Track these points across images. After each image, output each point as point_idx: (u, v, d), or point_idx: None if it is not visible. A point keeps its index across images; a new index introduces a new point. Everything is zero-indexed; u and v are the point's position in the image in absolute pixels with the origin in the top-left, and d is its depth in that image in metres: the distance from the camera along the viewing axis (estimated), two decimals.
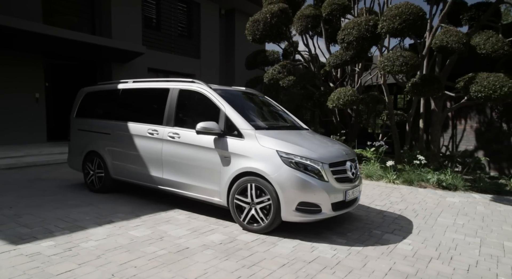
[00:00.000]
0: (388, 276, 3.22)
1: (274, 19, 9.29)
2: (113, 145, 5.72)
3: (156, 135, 5.11)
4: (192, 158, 4.70)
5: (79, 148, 6.22)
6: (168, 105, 5.09)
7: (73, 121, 6.49)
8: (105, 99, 6.17)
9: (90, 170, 6.07)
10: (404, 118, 10.46)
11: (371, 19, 7.43)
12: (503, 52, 6.81)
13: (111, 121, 5.83)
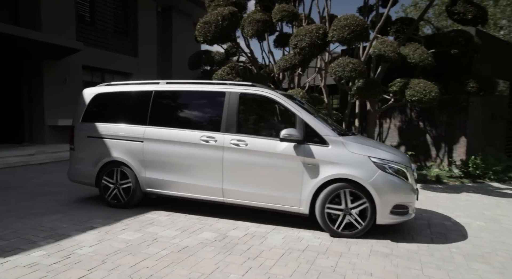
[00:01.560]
0: (371, 257, 3.76)
1: (225, 22, 9.50)
2: (148, 153, 5.05)
3: (214, 143, 4.69)
4: (265, 166, 4.46)
5: (92, 157, 5.39)
6: (226, 110, 4.72)
7: (78, 126, 5.57)
8: (129, 102, 5.44)
9: (109, 182, 5.31)
10: (340, 118, 11.49)
11: (320, 28, 8.12)
12: (427, 62, 8.01)
13: (143, 127, 5.12)
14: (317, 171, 4.29)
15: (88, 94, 5.66)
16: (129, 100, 5.45)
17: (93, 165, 5.38)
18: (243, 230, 4.46)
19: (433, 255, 3.86)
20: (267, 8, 11.42)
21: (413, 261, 3.68)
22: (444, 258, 3.78)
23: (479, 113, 11.27)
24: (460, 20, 9.12)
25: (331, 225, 4.29)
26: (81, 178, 5.57)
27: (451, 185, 8.35)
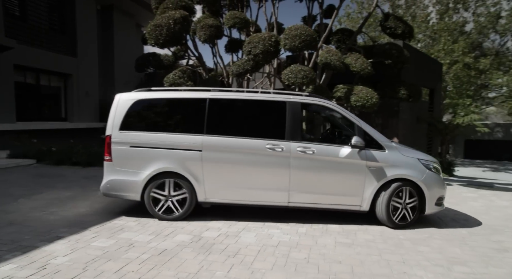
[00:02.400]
0: (337, 247, 4.19)
1: (177, 26, 9.51)
2: (208, 162, 4.91)
3: (280, 150, 4.87)
4: (330, 170, 4.87)
5: (137, 169, 4.96)
6: (289, 119, 4.94)
7: (117, 135, 5.02)
8: (178, 110, 5.22)
9: (160, 195, 4.98)
10: None
11: (272, 36, 8.56)
12: (367, 71, 8.87)
13: (201, 136, 4.95)
14: (379, 173, 4.90)
15: (126, 101, 5.13)
16: (177, 107, 5.22)
17: (138, 177, 4.95)
18: (215, 231, 4.63)
19: (387, 242, 4.41)
20: (215, 13, 11.63)
21: (372, 248, 4.18)
22: (395, 244, 4.35)
23: (407, 117, 12.66)
24: (391, 34, 10.21)
25: (393, 219, 4.96)
26: (122, 191, 5.06)
27: None
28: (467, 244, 4.47)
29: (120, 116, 5.07)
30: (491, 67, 24.52)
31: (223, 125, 5.07)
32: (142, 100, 5.17)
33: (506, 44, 26.14)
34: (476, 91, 25.14)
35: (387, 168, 4.91)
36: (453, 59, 22.48)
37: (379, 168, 4.91)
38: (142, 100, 5.17)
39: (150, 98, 5.22)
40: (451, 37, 24.32)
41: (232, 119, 5.21)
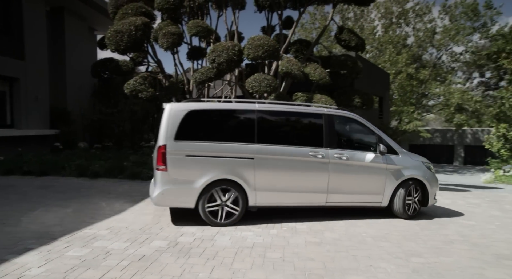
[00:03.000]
0: (307, 246, 4.48)
1: (139, 32, 9.45)
2: (260, 169, 5.25)
3: (320, 156, 5.47)
4: (359, 173, 5.68)
5: (192, 178, 5.07)
6: (326, 129, 5.60)
7: (172, 145, 5.04)
8: (234, 120, 5.57)
9: (215, 202, 5.16)
10: None
11: (236, 45, 8.82)
12: (325, 80, 9.44)
13: (253, 145, 5.27)
14: (396, 174, 5.86)
15: (178, 111, 5.16)
16: (229, 118, 5.54)
17: (194, 185, 5.05)
18: (190, 236, 4.72)
19: (351, 240, 4.79)
20: (174, 20, 11.67)
21: (339, 246, 4.53)
22: (359, 241, 4.74)
23: None
24: (346, 46, 10.95)
25: (408, 212, 5.93)
26: (177, 200, 5.16)
27: None
28: (420, 238, 4.99)
29: (174, 126, 5.11)
30: (430, 77, 26.81)
31: (272, 135, 5.53)
32: (194, 111, 5.28)
33: (441, 57, 28.72)
34: (418, 99, 27.31)
35: (402, 170, 5.92)
36: (397, 69, 24.28)
37: (396, 170, 5.89)
38: (194, 111, 5.28)
39: (202, 109, 5.39)
40: (395, 49, 26.28)
41: (278, 128, 5.76)
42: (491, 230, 5.63)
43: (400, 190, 5.87)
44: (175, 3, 10.16)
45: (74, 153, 11.09)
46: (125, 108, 13.41)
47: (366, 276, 3.60)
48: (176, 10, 10.71)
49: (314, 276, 3.55)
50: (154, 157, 5.43)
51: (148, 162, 9.87)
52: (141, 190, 7.94)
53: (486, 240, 5.03)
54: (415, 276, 3.65)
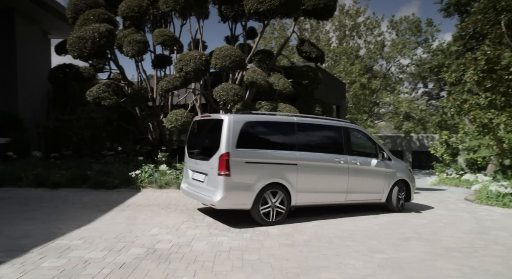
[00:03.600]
0: (281, 248, 4.75)
1: (103, 39, 9.31)
2: (301, 173, 6.07)
3: (342, 162, 6.56)
4: (367, 175, 6.93)
5: (250, 182, 5.67)
6: (344, 139, 6.75)
7: (234, 153, 5.56)
8: (279, 130, 6.23)
9: (267, 203, 5.83)
10: None
11: (203, 55, 8.99)
12: (289, 90, 9.88)
13: (296, 152, 6.11)
14: (391, 176, 7.25)
15: (237, 122, 5.73)
16: (274, 128, 6.20)
17: (252, 189, 5.65)
18: (166, 242, 4.81)
19: (321, 241, 5.14)
20: (138, 27, 11.61)
21: (310, 246, 4.85)
22: (328, 242, 5.10)
23: None
24: (306, 57, 11.51)
25: (399, 207, 7.36)
26: (237, 203, 5.67)
27: None
28: (381, 237, 5.46)
29: (235, 135, 5.64)
30: (380, 87, 28.56)
31: (308, 143, 6.42)
32: (250, 121, 5.92)
33: (390, 69, 30.74)
34: (370, 108, 28.93)
35: (396, 173, 7.35)
36: (352, 79, 25.62)
37: (392, 172, 7.28)
38: (250, 122, 5.92)
39: (255, 121, 6.07)
40: (349, 60, 27.72)
41: (311, 138, 6.59)
42: (440, 227, 6.27)
43: (395, 189, 7.30)
44: (140, 11, 10.13)
45: (29, 162, 10.54)
46: (83, 115, 12.97)
47: (337, 272, 3.93)
48: (141, 18, 10.66)
49: (292, 275, 3.82)
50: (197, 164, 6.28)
51: (112, 171, 9.68)
52: (108, 199, 7.81)
53: (436, 236, 5.61)
54: (380, 270, 4.04)
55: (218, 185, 5.58)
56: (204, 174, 6.00)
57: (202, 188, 6.04)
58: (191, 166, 6.55)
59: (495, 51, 9.77)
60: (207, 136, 6.53)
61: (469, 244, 5.24)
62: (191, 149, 6.75)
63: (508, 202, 8.75)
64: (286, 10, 9.17)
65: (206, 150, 6.19)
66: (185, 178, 6.85)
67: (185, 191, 6.65)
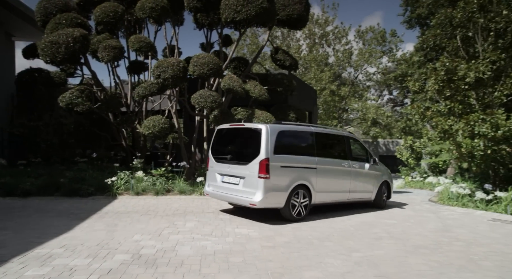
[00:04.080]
0: (263, 250, 4.94)
1: (77, 44, 9.18)
2: (319, 176, 7.05)
3: (347, 166, 7.74)
4: (362, 177, 8.09)
5: (284, 184, 6.48)
6: (347, 146, 8.02)
7: (272, 158, 6.35)
8: (302, 139, 7.22)
9: (296, 202, 6.69)
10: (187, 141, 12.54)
11: (180, 62, 9.07)
12: (265, 97, 10.14)
13: (315, 157, 7.08)
14: (379, 178, 8.57)
15: (273, 131, 6.50)
16: (299, 136, 7.22)
17: (285, 190, 6.49)
18: (150, 248, 4.86)
19: (300, 242, 5.38)
20: (111, 32, 11.51)
21: (291, 248, 5.07)
22: (307, 243, 5.35)
23: None
24: (281, 65, 11.86)
25: (383, 203, 8.73)
26: (273, 203, 6.43)
27: None
28: (356, 237, 5.78)
29: (272, 143, 6.41)
30: (349, 94, 29.60)
31: (322, 150, 7.39)
32: (282, 131, 6.73)
33: (358, 76, 31.94)
34: (340, 114, 29.88)
35: (381, 175, 8.67)
36: (322, 86, 26.40)
37: (379, 175, 8.61)
38: (282, 131, 6.73)
39: (286, 130, 6.89)
40: (319, 67, 28.56)
41: (324, 145, 7.62)
42: (408, 226, 6.71)
43: (381, 189, 8.58)
44: (115, 17, 10.06)
45: None
46: (51, 121, 12.58)
47: (319, 271, 4.17)
48: (116, 24, 10.58)
49: (276, 274, 4.01)
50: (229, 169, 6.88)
51: (86, 178, 9.49)
52: (84, 207, 7.69)
53: (406, 235, 6.01)
54: (357, 267, 4.33)
55: (258, 187, 6.30)
56: (239, 177, 6.64)
57: (237, 190, 6.66)
58: (221, 170, 7.09)
59: (453, 63, 10.54)
60: (241, 143, 7.24)
61: (434, 241, 5.67)
62: (220, 154, 7.31)
63: (467, 202, 9.44)
64: (261, 20, 9.46)
65: (242, 155, 6.85)
66: (210, 181, 7.38)
67: (211, 193, 7.29)
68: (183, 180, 9.90)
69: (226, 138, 7.43)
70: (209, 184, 7.38)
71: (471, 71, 10.04)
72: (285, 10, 10.64)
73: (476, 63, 10.22)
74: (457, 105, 10.55)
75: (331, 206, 8.50)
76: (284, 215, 6.64)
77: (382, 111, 27.55)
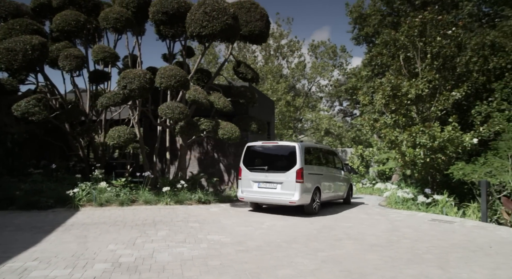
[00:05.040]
0: (238, 253, 5.29)
1: (36, 52, 8.96)
2: (323, 181, 9.51)
3: (334, 173, 10.43)
4: (340, 181, 10.79)
5: (310, 186, 8.76)
6: (331, 157, 10.81)
7: (304, 168, 8.59)
8: (315, 153, 9.78)
9: (315, 201, 8.94)
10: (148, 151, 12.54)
11: (147, 73, 9.19)
12: (229, 108, 10.54)
13: (320, 166, 9.67)
14: (347, 181, 11.33)
15: (302, 147, 8.83)
16: (315, 151, 9.79)
17: (310, 191, 8.74)
18: (129, 256, 5.01)
19: (270, 246, 5.79)
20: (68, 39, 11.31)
21: (263, 251, 5.47)
22: (277, 246, 5.78)
23: None
24: (243, 78, 12.35)
25: (350, 200, 11.48)
26: (304, 201, 8.58)
27: None
28: (319, 239, 6.34)
29: (302, 156, 8.64)
30: (303, 105, 30.94)
31: (325, 161, 10.16)
32: (307, 147, 9.27)
33: (311, 88, 33.50)
34: (295, 124, 31.05)
35: (349, 180, 11.50)
36: (278, 97, 27.37)
37: (348, 179, 11.46)
38: (307, 148, 9.26)
39: (308, 146, 9.51)
40: (275, 78, 29.59)
41: (325, 158, 10.28)
42: (363, 228, 7.42)
43: (349, 191, 11.39)
44: (77, 26, 9.93)
45: None
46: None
47: (290, 269, 4.62)
48: (78, 33, 10.42)
49: (254, 274, 4.40)
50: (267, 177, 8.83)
51: (44, 190, 9.18)
52: (45, 220, 7.50)
53: (362, 236, 6.69)
54: (324, 265, 4.84)
55: (296, 189, 8.40)
56: (277, 183, 8.63)
57: (275, 193, 8.63)
58: (256, 178, 8.93)
59: (397, 80, 11.75)
60: (276, 156, 9.25)
61: (386, 240, 6.39)
62: (253, 165, 9.10)
63: (411, 205, 10.50)
64: (226, 35, 9.89)
65: (279, 165, 8.84)
66: (243, 188, 9.11)
67: (246, 197, 9.06)
68: (148, 190, 9.93)
69: (258, 153, 9.32)
70: (243, 190, 9.08)
71: (412, 88, 11.26)
72: (247, 26, 11.18)
73: (416, 81, 11.48)
74: (401, 118, 11.73)
75: (293, 212, 9.06)
76: (307, 210, 8.84)
77: (334, 122, 29.10)
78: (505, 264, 5.02)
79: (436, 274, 4.56)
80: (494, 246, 6.01)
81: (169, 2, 10.07)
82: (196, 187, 11.28)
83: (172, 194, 9.74)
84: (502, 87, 12.62)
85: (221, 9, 9.50)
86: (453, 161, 11.21)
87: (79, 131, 10.70)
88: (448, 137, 10.28)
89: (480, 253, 5.59)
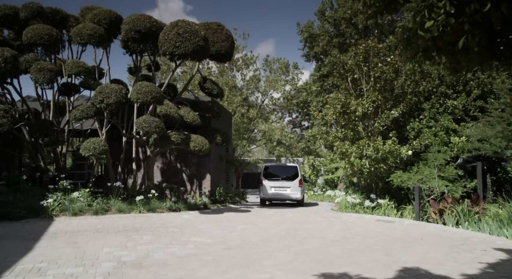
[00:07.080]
0: (223, 251, 6.15)
1: (9, 65, 9.09)
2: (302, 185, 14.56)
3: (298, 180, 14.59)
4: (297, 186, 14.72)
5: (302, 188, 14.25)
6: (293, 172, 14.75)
7: (301, 178, 14.25)
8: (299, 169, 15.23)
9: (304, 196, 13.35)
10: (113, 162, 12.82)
11: (122, 88, 9.71)
12: (198, 122, 11.33)
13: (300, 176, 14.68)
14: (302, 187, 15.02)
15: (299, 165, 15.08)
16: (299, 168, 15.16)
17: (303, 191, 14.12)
18: (127, 256, 5.63)
19: (248, 244, 6.72)
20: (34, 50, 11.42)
21: (243, 248, 6.38)
22: (254, 244, 6.72)
23: (215, 156, 15.82)
24: (209, 93, 13.23)
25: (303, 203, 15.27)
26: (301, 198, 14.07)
27: (214, 209, 11.84)
28: (289, 238, 7.39)
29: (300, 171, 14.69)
30: (257, 116, 32.29)
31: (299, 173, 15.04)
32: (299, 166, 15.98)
33: (265, 101, 35.07)
34: (249, 135, 32.24)
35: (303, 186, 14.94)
36: (233, 109, 28.40)
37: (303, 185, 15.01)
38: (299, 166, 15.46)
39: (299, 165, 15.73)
40: (231, 91, 30.63)
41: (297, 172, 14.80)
42: (323, 228, 8.64)
43: (303, 193, 14.71)
44: (50, 40, 10.15)
45: None
46: None
47: (272, 260, 5.59)
48: (50, 46, 10.58)
49: (244, 264, 5.30)
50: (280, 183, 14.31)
51: (13, 201, 9.20)
52: (22, 230, 7.69)
53: (323, 234, 7.87)
54: (297, 257, 5.88)
55: (298, 191, 13.98)
56: (287, 187, 14.05)
57: (286, 193, 14.10)
58: (273, 184, 14.28)
59: (347, 99, 13.45)
60: (285, 171, 14.81)
61: (343, 236, 7.63)
62: (270, 177, 14.54)
63: (359, 209, 12.04)
64: (197, 55, 10.74)
65: (288, 176, 14.32)
66: (263, 191, 14.41)
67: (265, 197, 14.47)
68: (120, 200, 10.32)
69: (273, 169, 15.07)
70: (263, 193, 14.38)
71: (359, 106, 12.96)
72: (214, 46, 12.12)
73: (362, 100, 13.22)
74: (350, 133, 13.38)
75: (260, 217, 10.03)
76: (300, 203, 14.36)
77: (286, 133, 30.76)
78: (432, 250, 6.45)
79: (383, 259, 5.81)
80: (424, 238, 7.51)
81: (141, 21, 10.71)
82: (164, 196, 11.83)
83: (144, 203, 10.24)
84: (430, 107, 14.91)
85: (193, 31, 10.35)
86: (392, 170, 13.03)
87: (47, 142, 10.79)
88: (389, 149, 12.04)
89: (414, 243, 7.02)
